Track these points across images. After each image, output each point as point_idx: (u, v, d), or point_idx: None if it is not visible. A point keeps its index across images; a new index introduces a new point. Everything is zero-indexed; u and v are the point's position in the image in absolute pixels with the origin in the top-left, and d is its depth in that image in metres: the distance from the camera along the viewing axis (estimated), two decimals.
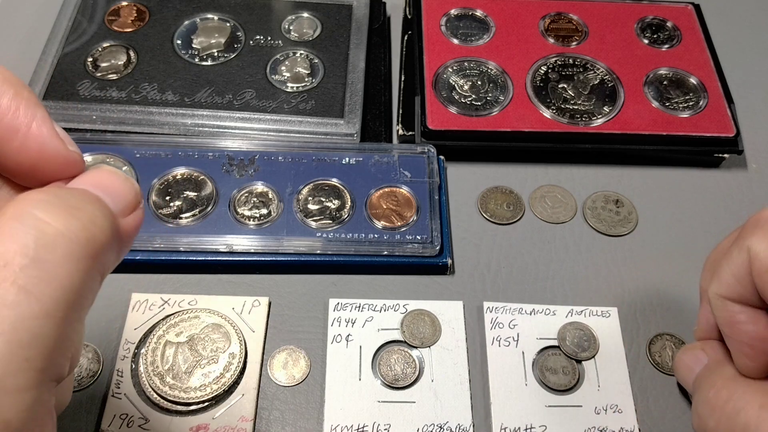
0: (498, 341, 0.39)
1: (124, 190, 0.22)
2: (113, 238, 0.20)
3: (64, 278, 0.18)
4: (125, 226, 0.22)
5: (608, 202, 0.46)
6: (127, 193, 0.22)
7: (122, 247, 0.22)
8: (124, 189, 0.22)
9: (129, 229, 0.22)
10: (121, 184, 0.22)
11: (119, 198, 0.22)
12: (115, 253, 0.21)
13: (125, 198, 0.22)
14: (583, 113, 0.47)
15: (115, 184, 0.22)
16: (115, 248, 0.21)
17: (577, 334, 0.39)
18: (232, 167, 0.43)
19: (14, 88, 0.21)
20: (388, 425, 0.36)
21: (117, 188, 0.22)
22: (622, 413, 0.37)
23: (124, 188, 0.22)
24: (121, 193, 0.22)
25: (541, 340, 0.39)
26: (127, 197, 0.22)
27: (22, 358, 0.17)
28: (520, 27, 0.52)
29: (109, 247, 0.20)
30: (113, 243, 0.21)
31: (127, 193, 0.22)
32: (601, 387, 0.38)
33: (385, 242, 0.41)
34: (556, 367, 0.38)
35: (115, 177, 0.22)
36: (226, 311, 0.38)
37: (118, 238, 0.21)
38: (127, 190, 0.22)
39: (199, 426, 0.35)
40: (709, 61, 0.51)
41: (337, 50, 0.50)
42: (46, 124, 0.21)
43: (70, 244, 0.18)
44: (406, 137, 0.47)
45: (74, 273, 0.18)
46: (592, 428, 0.36)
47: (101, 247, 0.20)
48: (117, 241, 0.21)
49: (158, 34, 0.50)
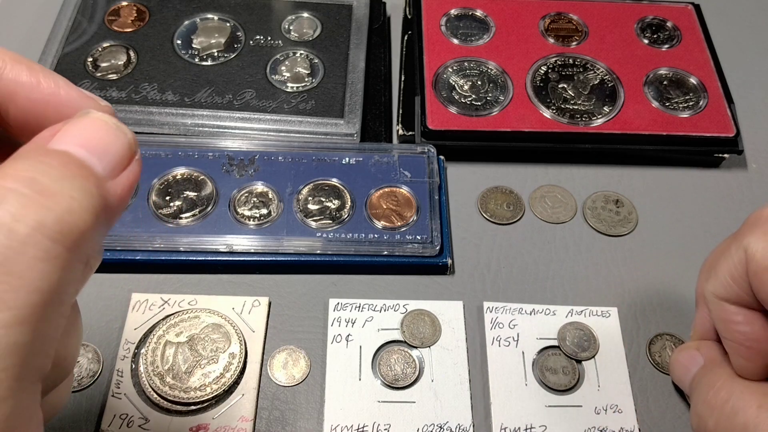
0: (498, 341, 0.39)
1: (115, 145, 0.20)
2: (96, 220, 0.18)
3: (38, 280, 0.17)
4: (117, 188, 0.20)
5: (608, 202, 0.46)
6: (118, 147, 0.20)
7: (112, 216, 0.20)
8: (115, 143, 0.20)
9: (121, 190, 0.20)
10: (111, 136, 0.20)
11: (109, 155, 0.19)
12: (103, 230, 0.19)
13: (116, 154, 0.20)
14: (583, 113, 0.47)
15: (104, 139, 0.19)
16: (103, 225, 0.19)
17: (577, 334, 0.39)
18: (232, 167, 0.43)
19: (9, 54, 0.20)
20: (388, 425, 0.36)
21: (106, 143, 0.19)
22: (622, 413, 0.37)
23: (115, 142, 0.20)
24: (111, 148, 0.20)
25: (541, 340, 0.39)
26: (119, 152, 0.20)
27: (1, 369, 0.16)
28: (520, 27, 0.52)
29: (92, 231, 0.18)
30: (97, 224, 0.18)
31: (118, 147, 0.20)
32: (601, 387, 0.38)
33: (385, 242, 0.41)
34: (556, 367, 0.38)
35: (104, 129, 0.20)
36: (226, 311, 0.38)
37: (106, 210, 0.19)
38: (118, 143, 0.20)
39: (199, 426, 0.35)
40: (709, 61, 0.51)
41: (337, 50, 0.50)
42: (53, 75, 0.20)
43: (44, 242, 0.17)
44: (406, 137, 0.47)
45: (50, 272, 0.17)
46: (592, 428, 0.36)
47: (80, 236, 0.18)
48: (104, 216, 0.19)
49: (158, 34, 0.50)
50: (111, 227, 0.20)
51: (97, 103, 0.22)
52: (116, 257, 0.39)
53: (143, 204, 0.41)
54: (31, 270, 0.16)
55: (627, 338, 0.40)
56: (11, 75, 0.20)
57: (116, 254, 0.39)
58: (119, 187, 0.20)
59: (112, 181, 0.19)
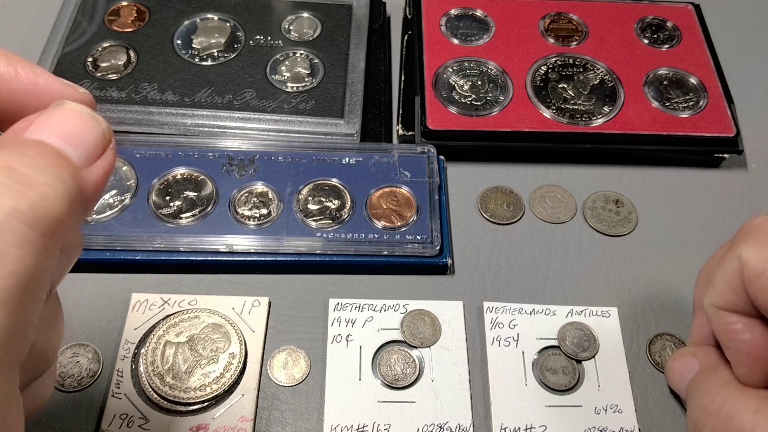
0: (498, 341, 0.39)
1: (90, 134, 0.20)
2: (72, 207, 0.19)
3: (13, 265, 0.17)
4: (92, 176, 0.20)
5: (608, 202, 0.46)
6: (92, 136, 0.20)
7: (88, 204, 0.20)
8: (90, 132, 0.20)
9: (96, 178, 0.20)
10: (85, 126, 0.20)
11: (83, 144, 0.20)
12: (79, 218, 0.20)
13: (90, 143, 0.20)
14: (583, 113, 0.47)
15: (78, 128, 0.20)
16: (78, 213, 0.19)
17: (577, 334, 0.39)
18: (232, 167, 0.43)
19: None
20: (388, 425, 0.36)
21: (80, 132, 0.20)
22: (622, 413, 0.37)
23: (90, 131, 0.20)
24: (86, 137, 0.20)
25: (541, 340, 0.39)
26: (93, 141, 0.20)
27: None
28: (520, 27, 0.52)
29: (68, 218, 0.19)
30: (72, 211, 0.19)
31: (92, 136, 0.20)
32: (601, 387, 0.38)
33: (385, 242, 0.41)
34: (556, 367, 0.38)
35: (78, 119, 0.20)
36: (226, 311, 0.38)
37: (81, 199, 0.19)
38: (93, 132, 0.20)
39: (199, 426, 0.35)
40: (709, 61, 0.51)
41: (337, 50, 0.50)
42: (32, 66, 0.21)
43: (20, 228, 0.17)
44: (406, 137, 0.47)
45: (25, 257, 0.17)
46: (592, 428, 0.36)
47: (56, 222, 0.18)
48: (79, 203, 0.19)
49: (158, 34, 0.50)
50: (87, 215, 0.20)
51: (76, 91, 0.22)
52: (116, 257, 0.39)
53: (143, 204, 0.41)
54: (7, 255, 0.17)
55: (627, 338, 0.40)
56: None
57: (116, 254, 0.39)
58: (94, 176, 0.20)
59: (87, 170, 0.20)
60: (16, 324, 0.17)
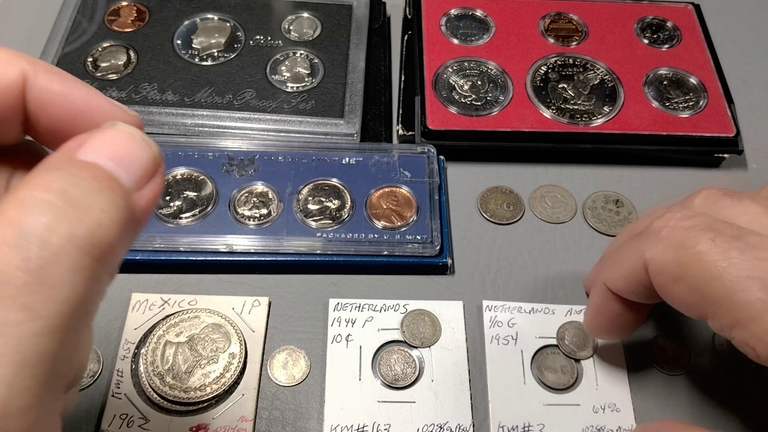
0: (497, 340, 0.39)
1: (141, 157, 0.20)
2: (124, 232, 0.19)
3: (68, 290, 0.17)
4: (142, 200, 0.20)
5: (608, 202, 0.46)
6: (144, 159, 0.20)
7: (137, 228, 0.20)
8: (141, 155, 0.20)
9: (146, 202, 0.20)
10: (137, 149, 0.20)
11: (135, 167, 0.20)
12: (128, 242, 0.19)
13: (142, 166, 0.20)
14: (583, 113, 0.47)
15: (130, 151, 0.20)
16: (128, 237, 0.19)
17: (576, 333, 0.39)
18: (232, 167, 0.43)
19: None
20: (388, 425, 0.36)
21: (132, 155, 0.20)
22: (620, 412, 0.37)
23: (141, 154, 0.20)
24: (138, 160, 0.20)
25: (540, 339, 0.39)
26: (144, 164, 0.20)
27: (26, 377, 0.16)
28: (520, 27, 0.52)
29: (120, 243, 0.19)
30: (124, 237, 0.19)
31: (144, 159, 0.20)
32: (599, 386, 0.38)
33: (385, 242, 0.41)
34: (555, 366, 0.38)
35: (130, 141, 0.20)
36: (226, 311, 0.38)
37: (132, 222, 0.19)
38: (144, 155, 0.20)
39: (199, 426, 0.35)
40: (709, 61, 0.51)
41: (337, 50, 0.50)
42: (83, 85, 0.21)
43: (76, 254, 0.17)
44: (406, 137, 0.47)
45: (79, 283, 0.17)
46: (590, 427, 0.36)
47: (109, 248, 0.18)
48: (130, 228, 0.19)
49: (158, 34, 0.50)
50: (136, 239, 0.20)
51: (126, 113, 0.22)
52: None
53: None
54: (62, 281, 0.17)
55: None
56: (44, 84, 0.21)
57: None
58: (144, 199, 0.20)
59: (137, 193, 0.20)
60: (65, 349, 0.17)
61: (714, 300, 0.28)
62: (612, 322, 0.35)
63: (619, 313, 0.34)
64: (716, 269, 0.27)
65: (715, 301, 0.28)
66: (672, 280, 0.29)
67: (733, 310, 0.27)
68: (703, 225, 0.29)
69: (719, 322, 0.28)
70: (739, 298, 0.27)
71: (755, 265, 0.26)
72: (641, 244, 0.31)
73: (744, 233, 0.28)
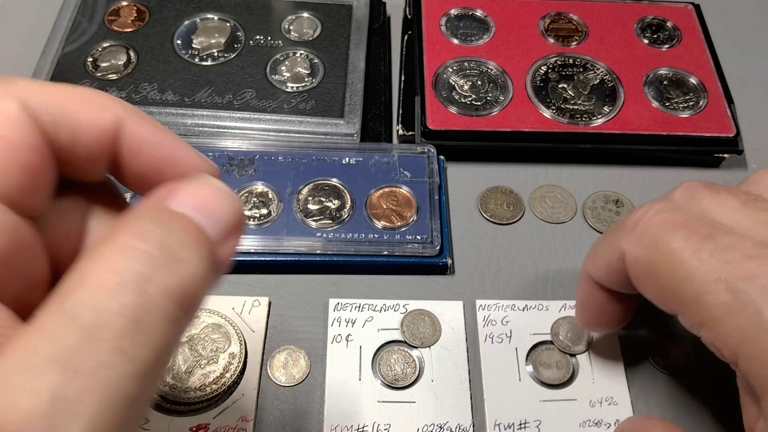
0: (491, 338, 0.39)
1: (227, 211, 0.21)
2: (209, 284, 0.20)
3: (158, 338, 0.18)
4: (223, 253, 0.20)
5: (608, 202, 0.46)
6: (230, 214, 0.21)
7: (217, 280, 0.21)
8: (228, 210, 0.21)
9: (227, 255, 0.21)
10: (224, 203, 0.21)
11: (221, 221, 0.20)
12: (209, 292, 0.20)
13: (227, 221, 0.20)
14: (583, 113, 0.47)
15: (218, 205, 0.20)
16: (210, 288, 0.20)
17: (571, 328, 0.39)
18: (232, 167, 0.43)
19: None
20: (388, 425, 0.36)
21: (220, 210, 0.20)
22: (618, 405, 0.37)
23: (227, 209, 0.21)
24: (224, 215, 0.20)
25: (534, 335, 0.39)
26: (229, 219, 0.21)
27: (111, 416, 0.17)
28: (520, 27, 0.52)
29: (204, 294, 0.19)
30: (208, 288, 0.20)
31: (230, 214, 0.21)
32: (595, 380, 0.38)
33: (385, 242, 0.41)
34: (550, 361, 0.38)
35: (219, 195, 0.21)
36: (226, 311, 0.38)
37: (215, 274, 0.20)
38: (231, 211, 0.21)
39: (199, 426, 0.35)
40: (709, 61, 0.51)
41: (337, 50, 0.50)
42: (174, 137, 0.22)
43: (168, 305, 0.18)
44: (406, 137, 0.47)
45: (168, 332, 0.18)
46: (587, 421, 0.36)
47: (196, 300, 0.19)
48: (213, 279, 0.20)
49: (158, 34, 0.50)
50: (213, 290, 0.21)
51: (208, 163, 0.23)
52: None
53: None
54: (155, 328, 0.18)
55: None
56: (137, 131, 0.21)
57: None
58: (226, 252, 0.21)
59: (220, 246, 0.20)
60: (146, 393, 0.18)
61: (683, 300, 0.28)
62: (599, 312, 0.35)
63: (605, 303, 0.34)
64: (686, 270, 0.27)
65: (685, 301, 0.28)
66: (644, 274, 0.30)
67: (701, 312, 0.27)
68: (677, 221, 0.29)
69: (688, 321, 0.28)
70: (706, 300, 0.27)
71: (724, 268, 0.27)
72: (620, 235, 0.31)
73: (717, 232, 0.28)
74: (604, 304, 0.35)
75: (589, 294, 0.35)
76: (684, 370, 0.39)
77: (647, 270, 0.29)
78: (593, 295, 0.35)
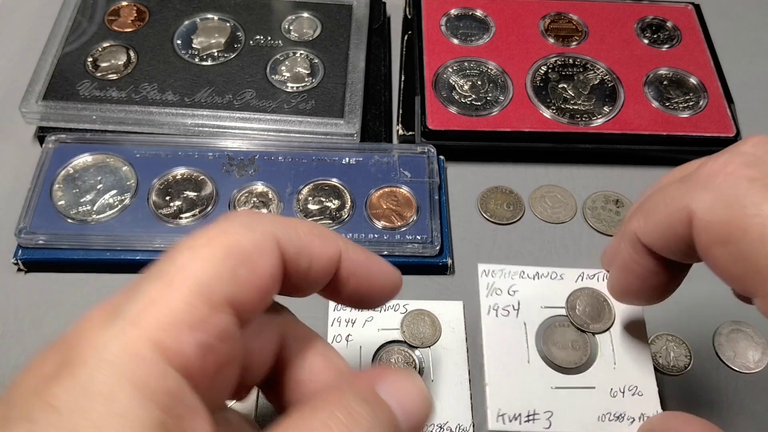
0: (495, 310, 0.34)
1: (421, 413, 0.21)
2: None
3: None
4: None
5: (608, 202, 0.46)
6: (422, 416, 0.21)
7: None
8: (422, 411, 0.21)
9: None
10: (421, 405, 0.21)
11: (413, 421, 0.21)
12: None
13: (418, 422, 0.21)
14: (583, 113, 0.47)
15: (417, 408, 0.21)
16: None
17: (590, 301, 0.34)
18: (232, 167, 0.43)
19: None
20: None
21: (418, 413, 0.21)
22: (643, 396, 0.32)
23: (422, 410, 0.21)
24: (418, 416, 0.21)
25: (546, 308, 0.35)
26: (420, 420, 0.21)
27: None
28: (520, 27, 0.52)
29: None
30: None
31: (422, 416, 0.21)
32: (617, 365, 0.33)
33: (385, 242, 0.41)
34: (564, 341, 0.34)
35: (419, 396, 0.22)
36: None
37: None
38: (424, 412, 0.21)
39: None
40: (709, 61, 0.51)
41: (337, 50, 0.50)
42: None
43: None
44: (406, 137, 0.47)
45: None
46: (607, 414, 0.32)
47: None
48: None
49: (158, 34, 0.50)
50: None
51: (399, 276, 0.27)
52: (116, 257, 0.39)
53: (143, 204, 0.41)
54: None
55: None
56: (353, 257, 0.25)
57: (116, 254, 0.39)
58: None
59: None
60: None
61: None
62: (642, 282, 0.29)
63: (651, 272, 0.28)
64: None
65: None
66: (718, 242, 0.24)
67: None
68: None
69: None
70: None
71: None
72: (687, 191, 0.25)
73: None
74: (649, 273, 0.29)
75: (633, 259, 0.29)
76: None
77: (724, 237, 0.24)
78: (637, 261, 0.28)
